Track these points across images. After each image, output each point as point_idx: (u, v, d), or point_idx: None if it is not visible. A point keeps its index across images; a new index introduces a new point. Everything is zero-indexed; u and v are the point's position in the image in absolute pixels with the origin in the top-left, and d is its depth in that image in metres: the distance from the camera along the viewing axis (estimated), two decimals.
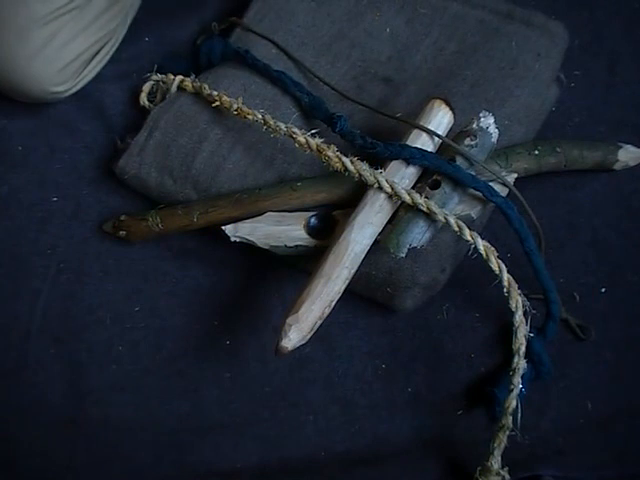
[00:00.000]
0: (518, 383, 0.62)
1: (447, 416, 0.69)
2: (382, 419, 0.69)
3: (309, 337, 0.61)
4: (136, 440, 0.69)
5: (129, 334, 0.72)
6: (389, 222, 0.66)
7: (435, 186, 0.66)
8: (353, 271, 0.64)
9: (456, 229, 0.64)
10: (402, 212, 0.66)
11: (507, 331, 0.68)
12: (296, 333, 0.60)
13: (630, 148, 0.75)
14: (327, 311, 0.61)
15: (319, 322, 0.61)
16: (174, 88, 0.76)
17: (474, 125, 0.68)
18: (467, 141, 0.67)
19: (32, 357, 0.71)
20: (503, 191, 0.68)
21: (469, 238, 0.63)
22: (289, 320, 0.60)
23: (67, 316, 0.73)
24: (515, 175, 0.72)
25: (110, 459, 0.69)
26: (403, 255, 0.64)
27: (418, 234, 0.65)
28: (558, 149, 0.73)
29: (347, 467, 0.68)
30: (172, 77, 0.76)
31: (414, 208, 0.65)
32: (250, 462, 0.68)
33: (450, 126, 0.70)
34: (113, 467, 0.68)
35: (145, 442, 0.69)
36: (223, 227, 0.68)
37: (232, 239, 0.68)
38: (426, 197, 0.65)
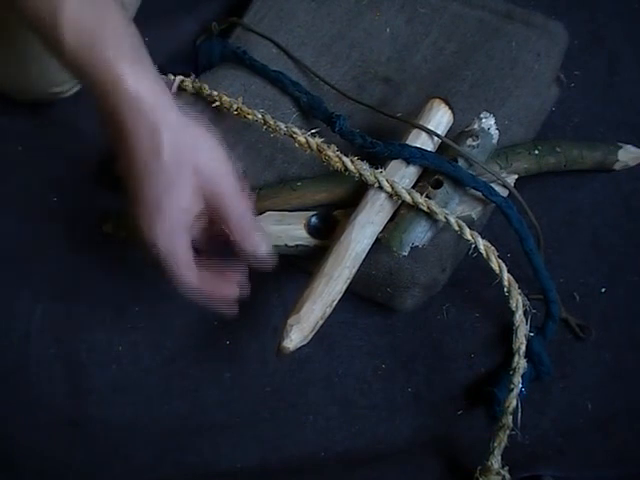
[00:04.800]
0: (518, 382, 0.62)
1: (447, 416, 0.69)
2: (382, 419, 0.69)
3: (310, 337, 0.61)
4: (136, 440, 0.69)
5: (129, 334, 0.72)
6: (389, 221, 0.67)
7: (437, 185, 0.66)
8: (354, 271, 0.64)
9: (456, 229, 0.64)
10: (404, 211, 0.66)
11: (507, 331, 0.68)
12: (297, 333, 0.60)
13: (630, 148, 0.75)
14: (328, 311, 0.61)
15: (320, 322, 0.61)
16: (174, 88, 0.76)
17: (475, 126, 0.68)
18: (469, 141, 0.67)
19: (32, 357, 0.71)
20: (503, 192, 0.68)
21: (469, 238, 0.63)
22: (290, 320, 0.60)
23: (67, 316, 0.73)
24: (515, 176, 0.72)
25: (110, 459, 0.68)
26: (405, 254, 0.64)
27: (420, 233, 0.65)
28: (558, 149, 0.73)
29: (347, 467, 0.68)
30: (172, 77, 0.76)
31: (415, 207, 0.65)
32: (250, 462, 0.68)
33: (450, 125, 0.70)
34: (113, 467, 0.68)
35: (145, 442, 0.69)
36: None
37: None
38: (428, 196, 0.65)
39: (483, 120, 0.68)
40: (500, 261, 0.63)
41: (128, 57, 0.53)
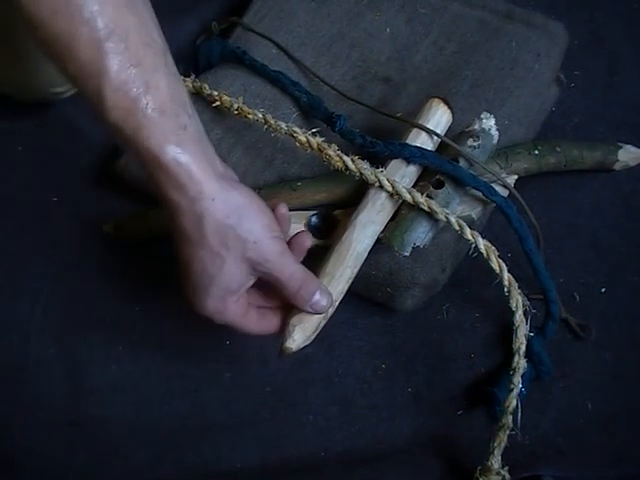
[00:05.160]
0: (518, 382, 0.62)
1: (447, 416, 0.69)
2: (382, 419, 0.69)
3: (313, 337, 0.60)
4: (136, 440, 0.69)
5: (129, 334, 0.72)
6: (390, 221, 0.66)
7: (439, 185, 0.66)
8: (356, 270, 0.63)
9: (457, 228, 0.64)
10: (406, 210, 0.66)
11: (507, 331, 0.68)
12: (300, 333, 0.59)
13: (630, 148, 0.75)
14: (331, 311, 0.61)
15: (323, 322, 0.61)
16: None
17: (476, 126, 0.68)
18: (470, 142, 0.67)
19: (32, 357, 0.71)
20: (503, 193, 0.68)
21: (470, 237, 0.63)
22: (293, 320, 0.59)
23: (67, 316, 0.73)
24: (515, 177, 0.72)
25: (110, 459, 0.68)
26: (407, 254, 0.64)
27: (422, 233, 0.65)
28: (558, 149, 0.73)
29: (347, 467, 0.68)
30: None
31: (416, 207, 0.65)
32: (250, 462, 0.68)
33: (449, 125, 0.70)
34: (113, 467, 0.68)
35: (145, 442, 0.69)
36: None
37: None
38: (430, 196, 0.65)
39: (484, 121, 0.68)
40: (500, 261, 0.63)
41: (169, 134, 0.52)
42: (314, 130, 0.68)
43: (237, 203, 0.55)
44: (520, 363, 0.63)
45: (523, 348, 0.63)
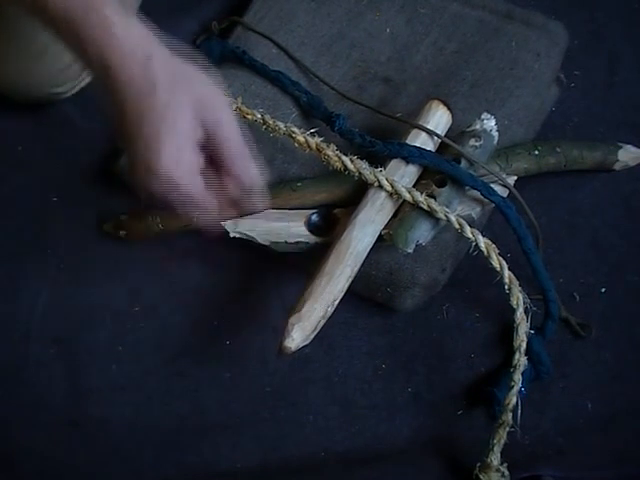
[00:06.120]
0: (519, 380, 0.62)
1: (447, 416, 0.69)
2: (382, 419, 0.69)
3: (312, 337, 0.60)
4: (136, 440, 0.69)
5: (129, 334, 0.72)
6: (391, 219, 0.66)
7: (442, 184, 0.66)
8: (356, 269, 0.63)
9: (457, 227, 0.64)
10: (409, 208, 0.66)
11: (507, 331, 0.68)
12: (299, 332, 0.59)
13: (630, 148, 0.75)
14: (330, 310, 0.61)
15: (322, 321, 0.61)
16: None
17: (477, 126, 0.68)
18: (472, 142, 0.67)
19: (32, 357, 0.71)
20: (503, 192, 0.68)
21: (470, 235, 0.63)
22: (292, 319, 0.59)
23: (67, 316, 0.73)
24: (515, 177, 0.72)
25: (110, 459, 0.68)
26: (411, 251, 0.64)
27: (425, 231, 0.65)
28: (558, 149, 0.73)
29: (347, 467, 0.68)
30: None
31: (416, 206, 0.65)
32: (250, 462, 0.68)
33: (448, 126, 0.70)
34: (113, 467, 0.68)
35: (145, 442, 0.69)
36: (223, 222, 0.68)
37: (232, 234, 0.68)
38: (433, 195, 0.65)
39: (485, 121, 0.68)
40: (501, 258, 0.63)
41: (116, 6, 0.52)
42: (313, 130, 0.68)
43: (186, 61, 0.56)
44: (521, 360, 0.63)
45: (524, 345, 0.63)
